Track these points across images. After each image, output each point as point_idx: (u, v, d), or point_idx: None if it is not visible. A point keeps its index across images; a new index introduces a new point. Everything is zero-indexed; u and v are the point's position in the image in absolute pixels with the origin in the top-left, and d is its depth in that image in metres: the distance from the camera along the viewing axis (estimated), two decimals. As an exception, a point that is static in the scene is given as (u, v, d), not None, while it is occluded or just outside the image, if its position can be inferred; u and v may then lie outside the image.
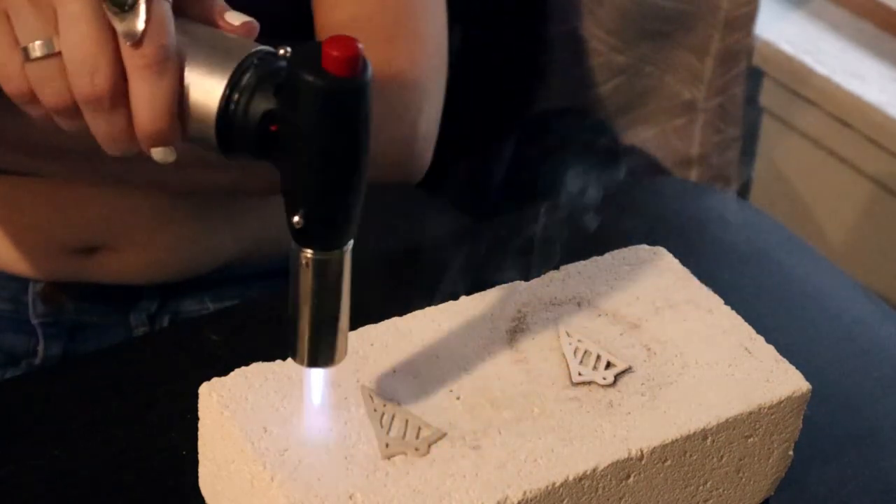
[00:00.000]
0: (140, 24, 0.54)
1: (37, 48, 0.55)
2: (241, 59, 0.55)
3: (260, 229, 0.93)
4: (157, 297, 0.93)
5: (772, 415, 0.68)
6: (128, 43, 0.54)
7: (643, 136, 1.68)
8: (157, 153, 0.57)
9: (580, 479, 0.62)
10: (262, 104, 0.54)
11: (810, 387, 0.69)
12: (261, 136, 0.55)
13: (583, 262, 0.75)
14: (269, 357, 0.66)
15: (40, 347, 0.91)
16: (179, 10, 0.57)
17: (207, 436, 0.66)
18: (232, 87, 0.55)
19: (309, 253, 0.56)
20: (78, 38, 0.54)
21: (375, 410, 0.63)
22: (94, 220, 0.86)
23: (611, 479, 0.63)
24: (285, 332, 0.60)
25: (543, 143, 1.64)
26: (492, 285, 0.73)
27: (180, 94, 0.56)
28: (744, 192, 1.71)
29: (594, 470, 0.62)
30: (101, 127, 0.57)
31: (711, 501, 0.70)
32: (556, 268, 0.75)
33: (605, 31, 1.61)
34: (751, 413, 0.67)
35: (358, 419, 0.63)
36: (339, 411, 0.63)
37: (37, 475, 0.70)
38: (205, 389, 0.64)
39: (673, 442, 0.64)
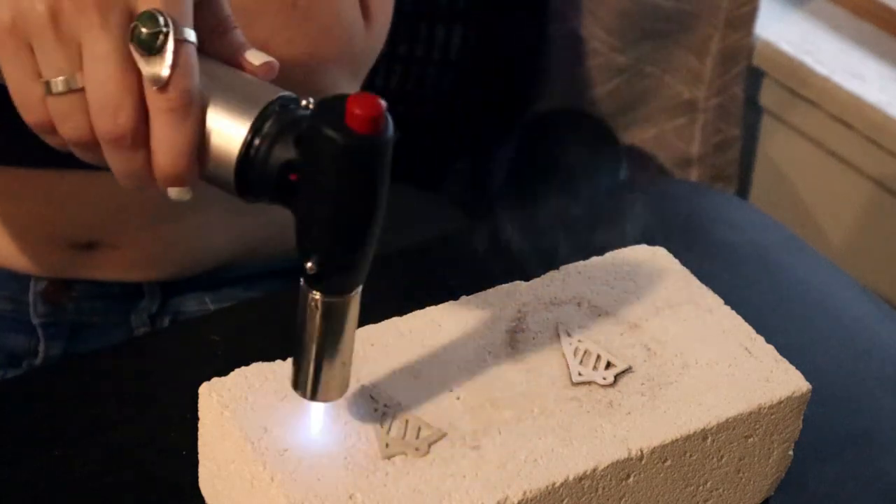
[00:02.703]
0: (166, 69, 0.54)
1: (59, 84, 0.55)
2: (264, 105, 0.55)
3: (260, 228, 0.93)
4: (157, 297, 0.93)
5: (772, 415, 0.68)
6: (153, 87, 0.54)
7: (643, 136, 1.68)
8: (173, 192, 0.58)
9: (580, 479, 0.62)
10: (282, 154, 0.55)
11: (810, 387, 0.69)
12: (279, 184, 0.55)
13: (583, 262, 0.75)
14: (269, 357, 0.66)
15: (41, 347, 0.91)
16: (202, 49, 0.57)
17: (207, 436, 0.66)
18: (253, 134, 0.55)
19: (318, 296, 0.57)
20: (103, 77, 0.54)
21: (375, 410, 0.63)
22: (92, 214, 0.86)
23: (611, 479, 0.63)
24: (293, 364, 0.60)
25: (543, 143, 1.64)
26: (492, 285, 0.72)
27: (201, 137, 0.56)
28: (744, 192, 1.71)
29: (594, 470, 0.62)
30: (120, 164, 0.57)
31: (711, 501, 0.70)
32: (556, 268, 0.75)
33: (605, 31, 1.61)
34: (751, 413, 0.67)
35: (358, 419, 0.63)
36: (339, 411, 0.63)
37: (37, 475, 0.70)
38: (205, 389, 0.64)
39: (673, 442, 0.64)
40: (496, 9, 1.59)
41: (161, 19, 0.54)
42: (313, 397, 0.60)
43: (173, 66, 0.54)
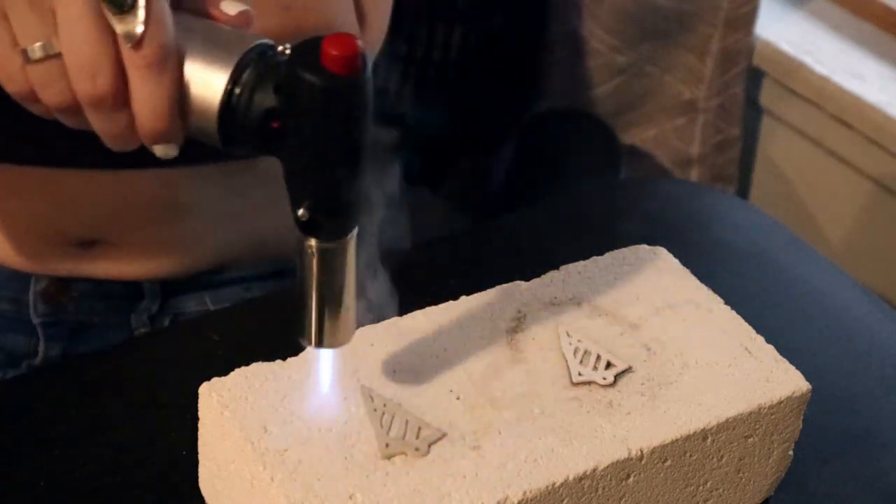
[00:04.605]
0: (139, 26, 0.54)
1: (37, 50, 0.55)
2: (241, 55, 0.55)
3: (260, 228, 0.93)
4: (157, 298, 0.92)
5: (772, 415, 0.68)
6: (128, 44, 0.54)
7: (643, 136, 1.68)
8: (159, 149, 0.58)
9: (580, 479, 0.62)
10: (263, 102, 0.55)
11: (810, 387, 0.69)
12: (263, 132, 0.55)
13: (583, 262, 0.75)
14: (269, 357, 0.66)
15: (41, 347, 0.91)
16: (177, 3, 0.57)
17: (207, 436, 0.66)
18: (232, 84, 0.55)
19: (314, 242, 0.57)
20: (78, 40, 0.54)
21: (375, 410, 0.63)
22: (93, 213, 0.86)
23: (611, 479, 0.63)
24: (294, 315, 0.60)
25: (543, 143, 1.64)
26: (492, 285, 0.72)
27: (181, 91, 0.56)
28: (744, 192, 1.71)
29: (594, 470, 0.62)
30: (103, 125, 0.57)
31: (711, 501, 0.70)
32: (556, 268, 0.75)
33: (605, 31, 1.61)
34: (751, 413, 0.67)
35: (358, 419, 0.63)
36: (339, 411, 0.63)
37: (37, 475, 0.70)
38: (205, 389, 0.64)
39: (673, 442, 0.64)
40: (496, 9, 1.59)
41: None
42: (319, 344, 0.60)
43: (146, 22, 0.54)
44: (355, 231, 0.58)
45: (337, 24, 0.79)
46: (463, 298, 0.71)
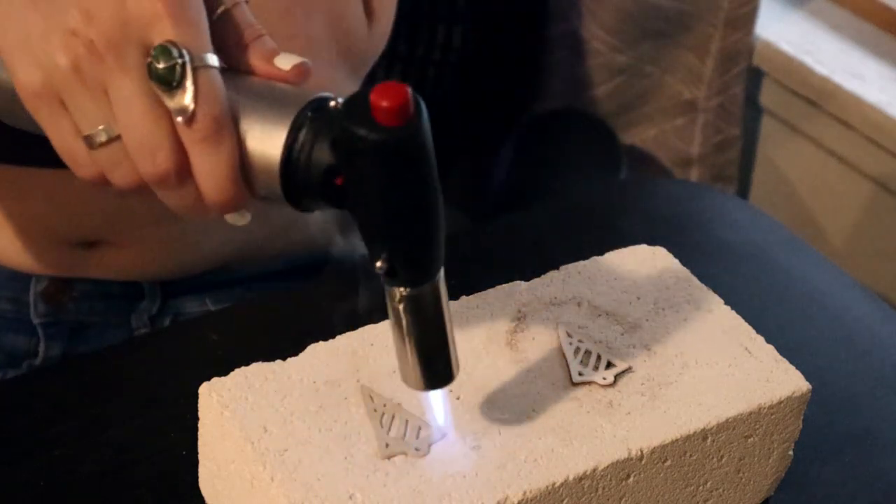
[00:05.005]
0: (189, 100, 0.53)
1: (98, 135, 0.54)
2: (296, 113, 0.54)
3: (261, 229, 0.93)
4: (157, 298, 0.93)
5: (772, 415, 0.68)
6: (180, 119, 0.53)
7: (643, 136, 1.68)
8: (231, 218, 0.57)
9: (580, 479, 0.62)
10: (321, 160, 0.54)
11: (810, 387, 0.69)
12: (327, 190, 0.54)
13: (583, 262, 0.75)
14: (269, 357, 0.66)
15: (41, 347, 0.91)
16: (231, 64, 0.56)
17: (207, 436, 0.66)
18: (290, 145, 0.54)
19: (399, 290, 0.56)
20: (134, 119, 0.53)
21: (375, 410, 0.63)
22: (94, 213, 0.86)
23: (611, 479, 0.63)
24: (398, 364, 0.59)
25: (543, 143, 1.64)
26: (492, 285, 0.72)
27: (242, 159, 0.55)
28: (744, 192, 1.71)
29: (594, 470, 0.62)
30: (173, 201, 0.57)
31: (711, 501, 0.70)
32: (556, 268, 0.75)
33: (605, 31, 1.61)
34: (751, 413, 0.67)
35: (358, 419, 0.63)
36: (339, 411, 0.63)
37: (37, 475, 0.70)
38: (205, 389, 0.64)
39: (673, 442, 0.64)
40: (496, 9, 1.59)
41: (175, 51, 0.53)
42: (429, 387, 0.59)
43: (196, 96, 0.53)
44: (441, 273, 0.57)
45: (345, 19, 0.79)
46: (463, 298, 0.71)
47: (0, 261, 0.89)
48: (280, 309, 0.86)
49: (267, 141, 0.54)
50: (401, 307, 0.57)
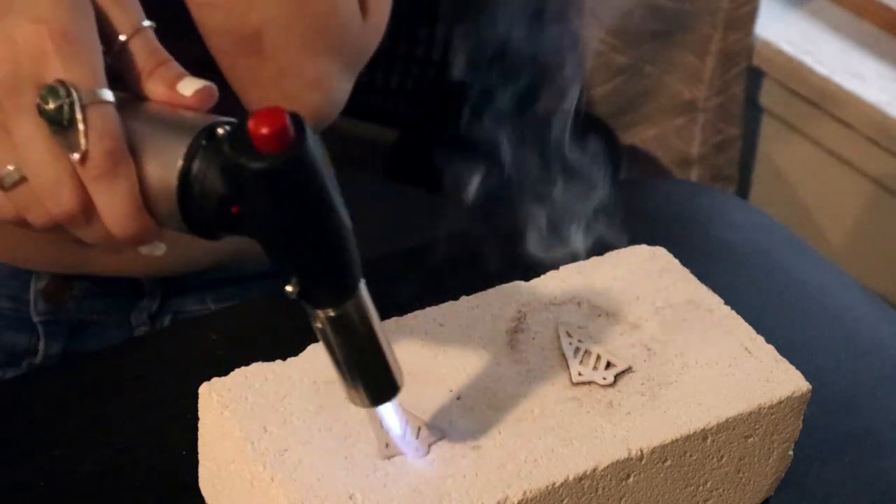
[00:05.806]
0: (81, 139, 0.52)
1: (9, 175, 0.54)
2: (189, 142, 0.53)
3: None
4: (158, 297, 0.93)
5: (772, 415, 0.68)
6: (76, 157, 0.52)
7: (643, 136, 1.68)
8: (144, 250, 0.57)
9: (580, 479, 0.62)
10: (215, 189, 0.52)
11: (810, 387, 0.69)
12: (224, 219, 0.53)
13: (583, 262, 0.75)
14: (269, 357, 0.66)
15: (41, 346, 0.91)
16: (136, 90, 0.55)
17: (207, 436, 0.66)
18: (184, 178, 0.53)
19: (322, 314, 0.55)
20: (35, 160, 0.53)
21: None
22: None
23: (611, 479, 0.63)
24: (341, 385, 0.58)
25: (543, 143, 1.64)
26: (492, 285, 0.72)
27: (144, 190, 0.54)
28: (744, 192, 1.71)
29: (594, 470, 0.62)
30: (87, 237, 0.56)
31: (711, 501, 0.70)
32: (556, 268, 0.75)
33: (605, 31, 1.61)
34: (751, 413, 0.67)
35: (358, 419, 0.63)
36: (339, 411, 0.63)
37: (37, 475, 0.70)
38: (205, 389, 0.64)
39: (673, 442, 0.64)
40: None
41: (62, 90, 0.52)
42: (374, 402, 0.58)
43: (87, 135, 0.52)
44: (361, 286, 0.55)
45: (340, 12, 0.79)
46: (463, 298, 0.71)
47: (0, 258, 0.89)
48: (280, 309, 0.86)
49: (165, 171, 0.53)
50: (327, 329, 0.55)
